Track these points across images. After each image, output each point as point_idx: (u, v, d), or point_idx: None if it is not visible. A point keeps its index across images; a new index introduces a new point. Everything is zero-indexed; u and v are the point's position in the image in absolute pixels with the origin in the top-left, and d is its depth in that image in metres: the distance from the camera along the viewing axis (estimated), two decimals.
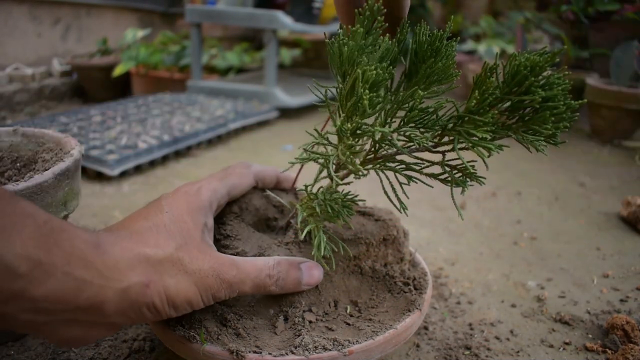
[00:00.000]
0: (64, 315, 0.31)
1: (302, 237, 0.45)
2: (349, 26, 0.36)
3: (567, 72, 0.36)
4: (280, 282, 0.41)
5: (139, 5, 2.16)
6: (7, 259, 0.27)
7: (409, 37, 0.41)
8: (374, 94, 0.34)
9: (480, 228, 0.83)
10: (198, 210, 0.41)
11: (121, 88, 1.84)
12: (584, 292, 0.64)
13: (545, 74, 0.36)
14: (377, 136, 0.37)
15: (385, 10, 0.35)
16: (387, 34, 0.38)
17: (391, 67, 0.36)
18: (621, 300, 0.62)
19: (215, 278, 0.37)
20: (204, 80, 1.71)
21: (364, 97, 0.33)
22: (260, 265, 0.41)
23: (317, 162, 0.41)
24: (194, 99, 1.53)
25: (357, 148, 0.39)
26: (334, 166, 0.42)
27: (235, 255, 0.45)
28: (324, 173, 0.44)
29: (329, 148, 0.41)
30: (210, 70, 1.95)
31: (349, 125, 0.35)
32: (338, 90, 0.38)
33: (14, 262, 0.27)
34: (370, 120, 0.38)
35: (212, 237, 0.42)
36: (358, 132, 0.37)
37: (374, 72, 0.34)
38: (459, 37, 0.42)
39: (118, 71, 1.70)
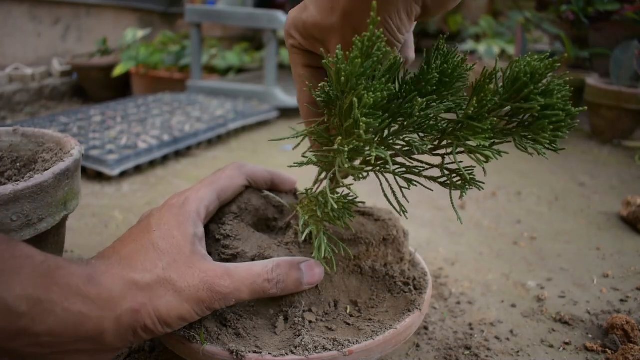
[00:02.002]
0: (67, 346, 0.33)
1: (302, 239, 0.45)
2: (347, 52, 0.35)
3: (568, 78, 0.35)
4: (281, 285, 0.41)
5: (139, 5, 2.16)
6: (8, 300, 0.29)
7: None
8: (371, 119, 0.34)
9: (480, 228, 0.83)
10: (186, 222, 0.41)
11: (121, 88, 1.84)
12: (584, 292, 0.64)
13: (545, 80, 0.35)
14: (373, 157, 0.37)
15: (386, 39, 0.35)
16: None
17: (391, 84, 0.36)
18: (621, 300, 0.62)
19: (207, 291, 0.38)
20: (203, 80, 1.71)
21: (361, 122, 0.33)
22: (258, 270, 0.41)
23: (316, 165, 0.41)
24: (194, 99, 1.53)
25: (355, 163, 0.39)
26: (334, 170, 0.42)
27: (235, 255, 0.45)
28: (323, 174, 0.44)
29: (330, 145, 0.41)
30: (210, 70, 1.95)
31: (346, 148, 0.35)
32: (337, 104, 0.38)
33: (14, 302, 0.29)
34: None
35: (204, 245, 0.43)
36: (355, 150, 0.36)
37: (372, 97, 0.33)
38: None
39: (118, 71, 1.70)
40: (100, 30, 2.00)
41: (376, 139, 0.39)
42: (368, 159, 0.41)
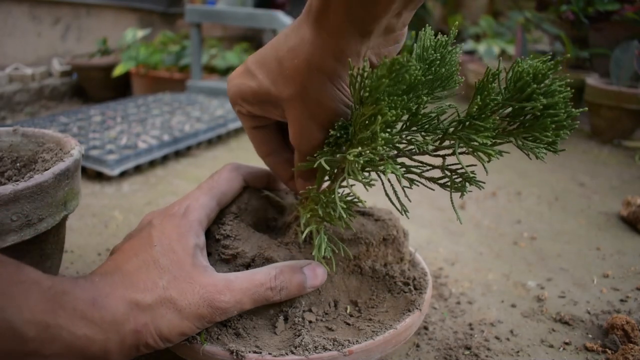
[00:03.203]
0: None
1: (302, 238, 0.45)
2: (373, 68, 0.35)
3: (568, 80, 0.36)
4: (284, 292, 0.41)
5: (139, 5, 2.16)
6: (17, 325, 0.30)
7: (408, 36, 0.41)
8: (390, 135, 0.34)
9: (480, 228, 0.83)
10: (188, 233, 0.42)
11: (121, 88, 1.84)
12: (584, 292, 0.64)
13: (547, 81, 0.36)
14: (388, 173, 0.37)
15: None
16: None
17: (411, 103, 0.36)
18: (621, 300, 0.62)
19: (207, 307, 0.38)
20: (204, 80, 1.71)
21: (380, 137, 0.33)
22: (260, 279, 0.41)
23: (324, 170, 0.41)
24: (194, 99, 1.53)
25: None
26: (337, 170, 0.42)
27: (235, 255, 0.45)
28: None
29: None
30: (210, 70, 1.95)
31: (361, 160, 0.35)
32: (352, 110, 0.38)
33: (23, 327, 0.30)
34: None
35: (205, 255, 0.43)
36: (369, 162, 0.36)
37: (394, 114, 0.33)
38: (462, 45, 0.42)
39: (118, 71, 1.70)
40: (100, 30, 2.00)
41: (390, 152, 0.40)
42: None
